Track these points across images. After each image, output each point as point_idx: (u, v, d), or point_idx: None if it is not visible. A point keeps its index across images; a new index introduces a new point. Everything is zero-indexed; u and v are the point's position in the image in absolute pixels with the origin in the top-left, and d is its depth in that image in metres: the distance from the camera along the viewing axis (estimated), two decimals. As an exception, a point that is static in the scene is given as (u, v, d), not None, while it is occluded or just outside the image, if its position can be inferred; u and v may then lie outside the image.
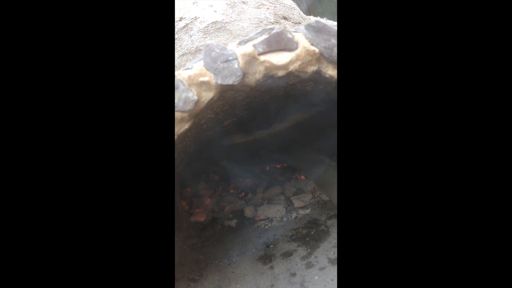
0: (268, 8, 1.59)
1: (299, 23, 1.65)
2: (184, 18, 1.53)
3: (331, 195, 1.59)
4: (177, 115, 0.91)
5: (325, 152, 1.80)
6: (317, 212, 1.66)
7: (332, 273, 1.18)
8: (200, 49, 1.45)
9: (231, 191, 2.17)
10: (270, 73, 0.92)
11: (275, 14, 1.59)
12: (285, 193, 1.93)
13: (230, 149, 2.06)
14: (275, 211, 1.73)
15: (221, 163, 2.42)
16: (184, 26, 1.51)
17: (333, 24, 0.93)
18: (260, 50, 0.89)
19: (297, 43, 0.89)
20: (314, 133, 1.86)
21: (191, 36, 1.48)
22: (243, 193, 2.08)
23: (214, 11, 1.51)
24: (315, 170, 1.79)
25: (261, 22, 1.51)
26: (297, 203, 1.77)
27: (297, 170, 2.19)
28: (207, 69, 0.90)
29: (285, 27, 0.90)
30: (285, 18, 1.61)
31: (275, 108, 1.63)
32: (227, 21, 1.48)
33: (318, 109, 1.67)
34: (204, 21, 1.49)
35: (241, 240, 1.61)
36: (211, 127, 1.37)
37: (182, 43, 1.48)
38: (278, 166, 2.40)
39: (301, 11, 1.82)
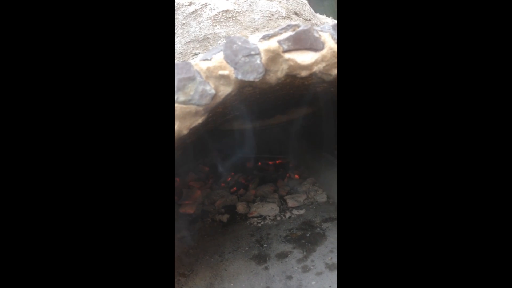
0: (280, 2, 1.54)
1: (309, 20, 1.62)
2: (194, 3, 1.46)
3: (331, 192, 1.58)
4: (192, 108, 0.86)
5: (326, 149, 1.80)
6: (312, 214, 1.65)
7: (329, 279, 1.17)
8: (208, 38, 1.38)
9: (222, 185, 2.13)
10: (292, 72, 0.88)
11: (287, 9, 1.54)
12: (279, 191, 1.91)
13: (225, 139, 2.01)
14: (268, 209, 1.71)
15: (212, 154, 2.37)
16: (193, 11, 1.44)
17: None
18: (285, 47, 0.85)
19: (323, 43, 0.86)
20: (315, 129, 1.84)
21: (199, 23, 1.41)
22: (234, 188, 2.05)
23: (226, -1, 1.45)
24: (315, 166, 1.78)
25: (272, 15, 1.46)
26: (291, 202, 1.76)
27: (291, 168, 2.17)
28: (227, 62, 0.85)
29: (312, 25, 0.86)
30: (296, 13, 1.57)
31: (281, 104, 1.60)
32: (238, 11, 1.42)
33: (321, 106, 1.65)
34: (214, 9, 1.42)
35: (233, 236, 1.58)
36: (215, 120, 1.32)
37: (190, 29, 1.41)
38: (270, 162, 2.38)
39: (311, 8, 1.77)
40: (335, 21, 1.96)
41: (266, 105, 1.45)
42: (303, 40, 0.85)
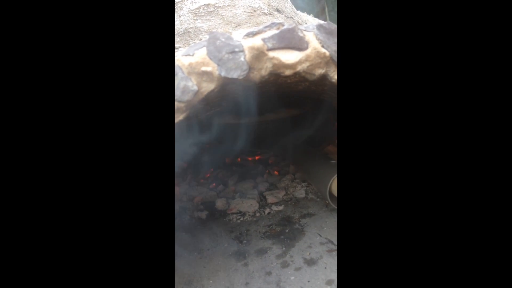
0: (262, -2, 1.53)
1: (291, 17, 1.62)
2: (175, -5, 1.42)
3: (320, 187, 1.60)
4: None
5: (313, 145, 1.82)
6: (291, 210, 1.67)
7: (308, 274, 1.19)
8: (189, 31, 1.36)
9: (201, 181, 2.11)
10: (276, 71, 0.87)
11: (269, 5, 1.53)
12: (258, 187, 1.91)
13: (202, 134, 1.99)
14: (248, 206, 1.71)
15: (191, 149, 2.34)
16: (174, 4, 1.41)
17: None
18: (270, 45, 0.84)
19: (307, 43, 0.86)
20: (303, 127, 1.86)
21: (180, 16, 1.37)
22: (214, 184, 2.03)
23: (208, -8, 1.42)
24: (304, 161, 1.80)
25: (254, 11, 1.45)
26: (270, 198, 1.77)
27: (270, 165, 2.18)
28: (210, 59, 0.84)
29: (296, 24, 0.86)
30: (278, 10, 1.56)
31: (259, 102, 1.59)
32: (220, 5, 1.40)
33: (307, 107, 1.66)
34: (196, 2, 1.39)
35: (212, 233, 1.57)
36: (195, 116, 1.30)
37: (170, 22, 1.38)
38: (250, 158, 2.38)
39: (293, 6, 1.78)
40: (318, 20, 1.97)
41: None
42: (288, 39, 0.85)
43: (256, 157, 2.38)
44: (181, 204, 1.86)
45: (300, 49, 0.86)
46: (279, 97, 1.33)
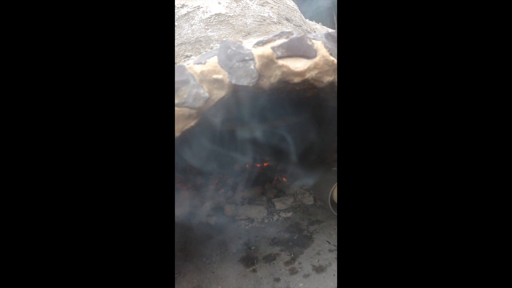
0: (272, 7, 1.56)
1: (300, 26, 1.64)
2: (186, 5, 1.46)
3: (323, 196, 1.60)
4: (185, 111, 0.86)
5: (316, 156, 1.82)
6: (299, 217, 1.67)
7: (317, 281, 1.19)
8: (200, 40, 1.39)
9: (210, 186, 2.13)
10: (285, 78, 0.89)
11: (278, 14, 1.56)
12: (267, 194, 1.92)
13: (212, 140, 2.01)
14: (256, 212, 1.72)
15: (201, 155, 2.36)
16: (186, 14, 1.44)
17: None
18: (279, 53, 0.86)
19: (316, 51, 0.88)
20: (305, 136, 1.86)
21: (191, 26, 1.41)
22: (223, 190, 2.05)
23: (219, 2, 1.46)
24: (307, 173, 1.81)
25: (264, 20, 1.48)
26: (278, 205, 1.77)
27: (278, 172, 2.19)
28: (221, 67, 0.86)
29: (305, 33, 0.88)
30: (287, 19, 1.59)
31: (269, 108, 1.61)
32: (230, 14, 1.43)
33: (310, 114, 1.67)
34: (207, 12, 1.43)
35: (220, 238, 1.58)
36: (205, 122, 1.32)
37: (182, 31, 1.41)
38: (258, 165, 2.39)
39: (302, 15, 1.80)
40: (326, 28, 2.00)
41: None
42: (297, 48, 0.87)
43: (265, 164, 2.39)
44: (190, 209, 1.88)
45: (308, 57, 0.88)
46: (288, 103, 1.34)
